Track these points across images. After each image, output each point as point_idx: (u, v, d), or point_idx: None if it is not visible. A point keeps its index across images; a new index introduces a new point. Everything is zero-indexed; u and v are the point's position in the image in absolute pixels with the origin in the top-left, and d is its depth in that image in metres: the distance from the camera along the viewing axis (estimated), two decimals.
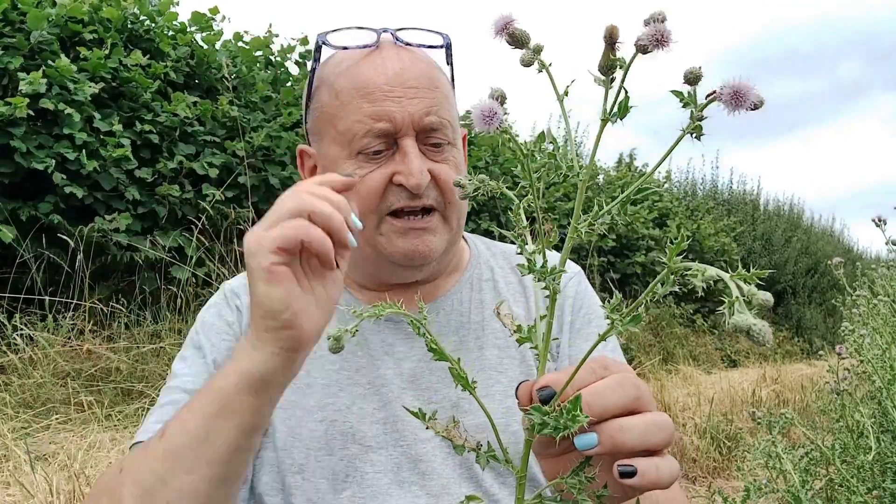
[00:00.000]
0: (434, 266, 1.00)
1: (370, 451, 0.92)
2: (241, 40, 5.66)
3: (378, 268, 1.00)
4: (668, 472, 0.58)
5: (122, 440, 3.07)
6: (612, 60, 0.52)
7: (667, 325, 8.18)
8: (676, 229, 9.81)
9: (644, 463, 0.57)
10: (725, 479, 3.97)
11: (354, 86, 0.93)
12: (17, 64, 3.93)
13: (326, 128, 0.97)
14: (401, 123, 0.92)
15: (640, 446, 0.58)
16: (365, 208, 0.93)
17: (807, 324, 12.38)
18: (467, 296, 1.05)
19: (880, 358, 1.70)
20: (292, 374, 0.73)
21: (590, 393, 0.58)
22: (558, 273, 0.56)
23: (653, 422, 0.59)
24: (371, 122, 0.92)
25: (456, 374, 0.59)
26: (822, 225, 17.24)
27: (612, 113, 0.53)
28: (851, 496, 1.43)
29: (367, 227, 0.95)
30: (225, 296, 1.05)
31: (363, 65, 0.95)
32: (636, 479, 0.57)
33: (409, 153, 0.92)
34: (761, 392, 5.85)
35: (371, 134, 0.92)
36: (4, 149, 3.79)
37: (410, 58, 0.96)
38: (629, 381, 0.60)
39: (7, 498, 2.46)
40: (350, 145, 0.93)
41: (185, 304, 4.23)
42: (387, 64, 0.94)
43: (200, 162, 4.56)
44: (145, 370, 3.74)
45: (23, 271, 3.87)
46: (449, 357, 0.59)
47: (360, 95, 0.93)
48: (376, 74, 0.93)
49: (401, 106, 0.92)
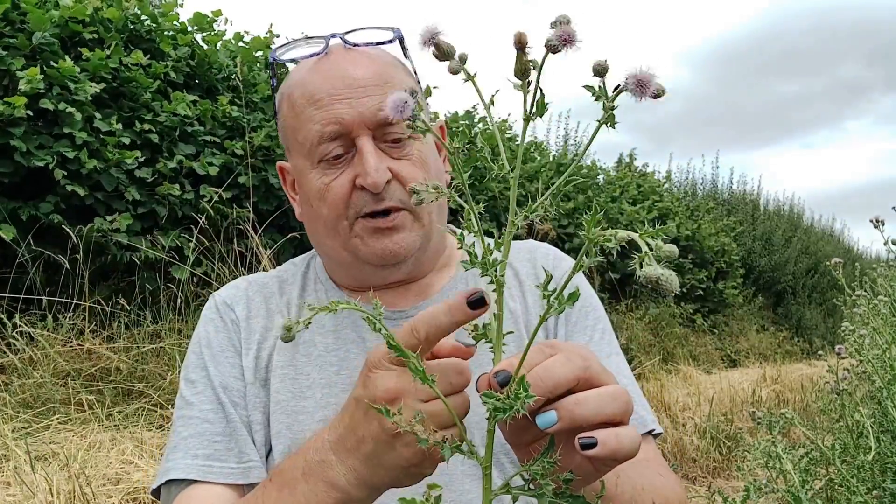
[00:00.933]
0: (412, 263, 1.00)
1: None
2: (241, 40, 5.66)
3: (358, 270, 1.00)
4: (628, 440, 0.60)
5: (122, 440, 3.07)
6: (525, 64, 0.55)
7: (667, 325, 8.18)
8: (677, 229, 9.81)
9: (604, 433, 0.59)
10: (725, 479, 3.98)
11: (305, 95, 0.95)
12: (18, 65, 3.93)
13: (290, 141, 0.99)
14: (351, 124, 0.92)
15: (597, 418, 0.60)
16: (334, 215, 0.94)
17: (807, 324, 12.38)
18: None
19: (880, 358, 1.70)
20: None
21: (540, 369, 0.60)
22: (500, 264, 0.58)
23: (608, 393, 0.62)
24: (321, 127, 0.92)
25: (413, 368, 0.60)
26: (823, 225, 17.25)
27: (532, 112, 0.55)
28: (851, 496, 1.43)
29: (341, 231, 0.96)
30: (218, 309, 1.05)
31: (312, 73, 0.96)
32: (597, 448, 0.59)
33: (365, 152, 0.92)
34: (761, 392, 5.85)
35: (325, 139, 0.92)
36: (4, 148, 3.79)
37: (359, 58, 0.97)
38: (576, 353, 0.63)
39: (7, 498, 2.46)
40: (311, 155, 0.94)
41: (185, 303, 4.23)
42: (334, 68, 0.95)
43: (201, 161, 4.56)
44: (145, 370, 3.74)
45: (23, 271, 3.87)
46: (407, 352, 0.60)
47: (310, 103, 0.94)
48: (323, 80, 0.94)
49: (350, 107, 0.92)
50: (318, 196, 0.95)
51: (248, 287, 1.08)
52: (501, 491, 0.61)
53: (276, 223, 4.84)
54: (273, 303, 1.05)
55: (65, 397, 3.41)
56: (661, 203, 10.07)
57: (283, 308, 1.04)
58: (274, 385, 0.98)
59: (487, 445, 0.60)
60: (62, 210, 4.01)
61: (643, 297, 8.52)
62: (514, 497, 0.60)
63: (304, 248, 5.50)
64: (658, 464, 0.96)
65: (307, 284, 1.08)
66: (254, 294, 1.06)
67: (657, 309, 8.29)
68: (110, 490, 2.61)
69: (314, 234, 1.02)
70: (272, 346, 1.01)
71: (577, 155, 10.57)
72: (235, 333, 1.02)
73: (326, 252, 1.03)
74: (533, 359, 0.62)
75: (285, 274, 1.11)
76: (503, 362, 0.60)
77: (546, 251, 1.11)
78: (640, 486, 0.83)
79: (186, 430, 0.94)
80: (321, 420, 0.95)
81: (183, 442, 0.93)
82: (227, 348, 1.01)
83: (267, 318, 1.03)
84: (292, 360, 0.99)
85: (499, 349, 0.61)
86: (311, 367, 0.98)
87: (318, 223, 0.98)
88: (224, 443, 0.93)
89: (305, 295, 1.06)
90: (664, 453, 3.88)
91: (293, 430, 0.95)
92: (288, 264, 1.15)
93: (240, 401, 0.97)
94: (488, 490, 0.60)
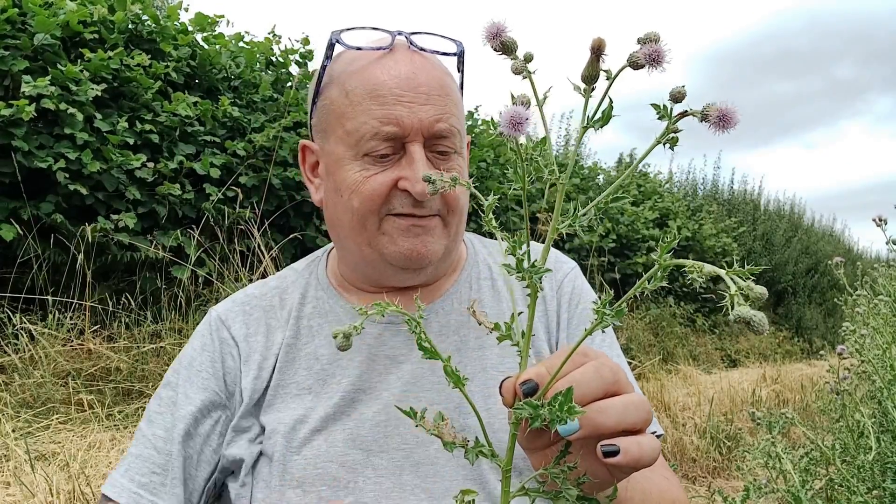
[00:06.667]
0: (431, 270, 1.00)
1: (371, 456, 0.91)
2: (241, 40, 5.66)
3: (377, 270, 0.99)
4: (649, 448, 0.61)
5: (123, 440, 3.07)
6: (597, 70, 0.54)
7: (667, 325, 8.18)
8: (677, 229, 9.82)
9: (626, 441, 0.60)
10: (725, 479, 3.97)
11: (365, 86, 0.93)
12: (21, 66, 3.93)
13: (334, 126, 0.96)
14: (409, 128, 0.91)
15: (619, 426, 0.60)
16: (366, 209, 0.93)
17: (807, 324, 12.38)
18: (466, 295, 1.04)
19: (881, 358, 1.70)
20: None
21: (569, 380, 0.60)
22: (543, 272, 0.58)
23: (630, 402, 0.62)
24: (379, 124, 0.91)
25: (449, 371, 0.60)
26: (823, 225, 17.25)
27: (595, 120, 0.55)
28: (851, 496, 1.43)
29: (369, 227, 0.94)
30: (210, 325, 1.03)
31: (376, 66, 0.94)
32: (619, 457, 0.59)
33: (416, 160, 0.91)
34: (761, 392, 5.85)
35: (378, 137, 0.91)
36: (6, 148, 3.79)
37: (423, 63, 0.95)
38: (606, 366, 0.63)
39: (7, 498, 2.46)
40: (357, 146, 0.93)
41: (186, 303, 4.23)
42: (399, 67, 0.93)
43: (202, 162, 4.56)
44: (145, 370, 3.75)
45: (23, 271, 3.88)
46: (440, 355, 0.60)
47: (371, 97, 0.92)
48: (388, 77, 0.92)
49: (410, 111, 0.91)
50: (351, 187, 0.93)
51: (246, 302, 1.06)
52: (519, 493, 0.61)
53: (277, 223, 4.85)
54: (273, 317, 1.04)
55: (65, 397, 3.41)
56: (662, 203, 10.08)
57: (282, 324, 1.02)
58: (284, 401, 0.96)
59: (509, 449, 0.60)
60: (63, 209, 4.01)
61: (643, 297, 8.52)
62: (531, 499, 0.61)
63: (306, 248, 5.47)
64: (662, 466, 0.97)
65: (307, 292, 1.06)
66: (252, 309, 1.05)
67: (657, 309, 8.29)
68: None
69: (336, 225, 1.00)
70: (273, 364, 0.99)
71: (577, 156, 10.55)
72: (227, 353, 1.00)
73: (347, 247, 1.01)
74: (563, 369, 0.61)
75: (285, 282, 1.09)
76: (531, 371, 0.61)
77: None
78: (649, 490, 0.83)
79: (136, 448, 0.96)
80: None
81: (130, 458, 0.96)
82: (206, 369, 0.99)
83: (267, 336, 1.01)
84: (294, 377, 0.98)
85: (525, 354, 0.61)
86: (313, 379, 0.97)
87: (346, 214, 0.96)
88: (160, 477, 0.94)
89: (306, 302, 1.04)
90: (664, 453, 3.88)
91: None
92: (288, 270, 1.13)
93: (193, 430, 0.96)
94: (507, 492, 0.60)
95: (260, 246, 4.40)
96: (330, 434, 0.92)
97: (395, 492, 0.89)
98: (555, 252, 1.12)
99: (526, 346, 0.60)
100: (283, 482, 0.89)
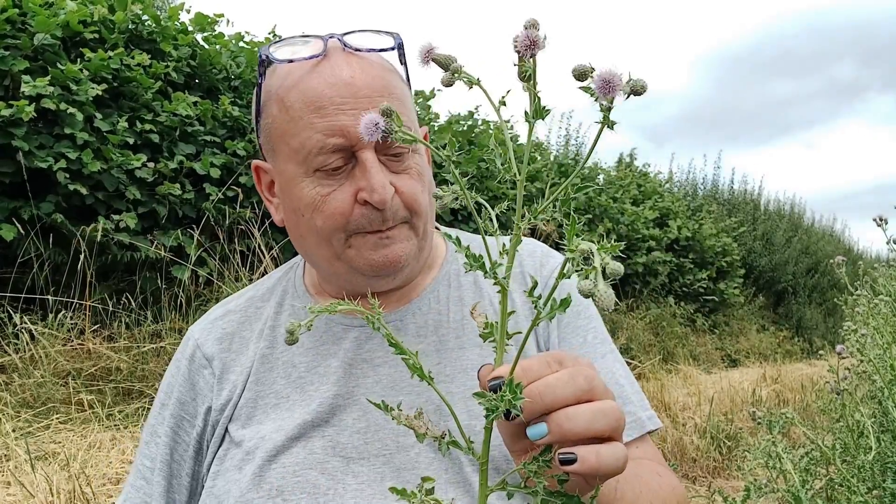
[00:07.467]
0: (407, 272, 0.98)
1: (352, 463, 0.89)
2: (241, 40, 5.66)
3: (349, 281, 0.97)
4: (610, 457, 0.60)
5: (123, 440, 3.07)
6: (524, 67, 0.55)
7: (667, 324, 8.19)
8: (678, 230, 9.81)
9: (584, 450, 0.59)
10: (725, 479, 3.97)
11: (304, 99, 0.89)
12: (21, 66, 3.93)
13: (279, 144, 0.93)
14: (356, 137, 0.87)
15: (585, 433, 0.60)
16: (331, 228, 0.91)
17: (807, 324, 12.39)
18: (445, 293, 1.02)
19: (881, 357, 1.70)
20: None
21: (543, 384, 0.60)
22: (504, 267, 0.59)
23: (600, 409, 0.61)
24: (324, 137, 0.87)
25: (411, 365, 0.60)
26: (823, 225, 17.26)
27: (529, 115, 0.56)
28: (851, 496, 1.43)
29: (335, 244, 0.92)
30: (185, 348, 1.04)
31: (312, 76, 0.90)
32: (577, 465, 0.59)
33: (369, 167, 0.88)
34: (761, 392, 5.85)
35: (326, 150, 0.88)
36: (6, 148, 3.80)
37: (361, 65, 0.91)
38: (581, 374, 0.62)
39: (7, 498, 2.46)
40: (306, 162, 0.90)
41: (186, 303, 4.23)
42: (336, 73, 0.89)
43: (202, 161, 4.56)
44: (146, 370, 3.75)
45: (24, 271, 3.88)
46: (405, 350, 0.61)
47: (311, 110, 0.88)
48: (326, 86, 0.88)
49: (355, 119, 0.86)
50: (311, 207, 0.91)
51: (223, 316, 1.06)
52: (497, 487, 0.61)
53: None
54: (248, 329, 1.03)
55: (65, 397, 3.41)
56: (662, 203, 10.08)
57: (256, 335, 1.02)
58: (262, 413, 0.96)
59: (484, 441, 0.61)
60: (63, 209, 4.01)
61: (644, 297, 8.52)
62: (509, 494, 0.61)
63: None
64: (656, 462, 0.95)
65: (284, 301, 1.05)
66: (227, 324, 1.05)
67: (657, 309, 8.29)
68: (110, 490, 2.61)
69: (301, 244, 0.98)
70: (245, 379, 0.98)
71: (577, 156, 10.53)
72: (198, 374, 1.01)
73: (316, 262, 0.99)
74: (539, 371, 0.62)
75: (261, 290, 1.09)
76: (500, 369, 0.61)
77: (532, 248, 1.08)
78: (639, 491, 0.82)
79: (132, 475, 1.00)
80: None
81: (127, 487, 1.00)
82: (176, 394, 1.01)
83: (240, 352, 1.01)
84: (272, 386, 0.97)
85: (501, 349, 0.61)
86: (291, 388, 0.96)
87: (309, 233, 0.94)
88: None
89: (282, 311, 1.04)
90: (664, 453, 3.88)
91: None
92: (266, 278, 1.12)
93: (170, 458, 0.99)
94: (484, 485, 0.60)
95: (260, 246, 4.40)
96: (309, 441, 0.90)
97: (377, 498, 0.87)
98: (542, 247, 1.10)
99: (501, 341, 0.61)
100: (260, 491, 0.87)
